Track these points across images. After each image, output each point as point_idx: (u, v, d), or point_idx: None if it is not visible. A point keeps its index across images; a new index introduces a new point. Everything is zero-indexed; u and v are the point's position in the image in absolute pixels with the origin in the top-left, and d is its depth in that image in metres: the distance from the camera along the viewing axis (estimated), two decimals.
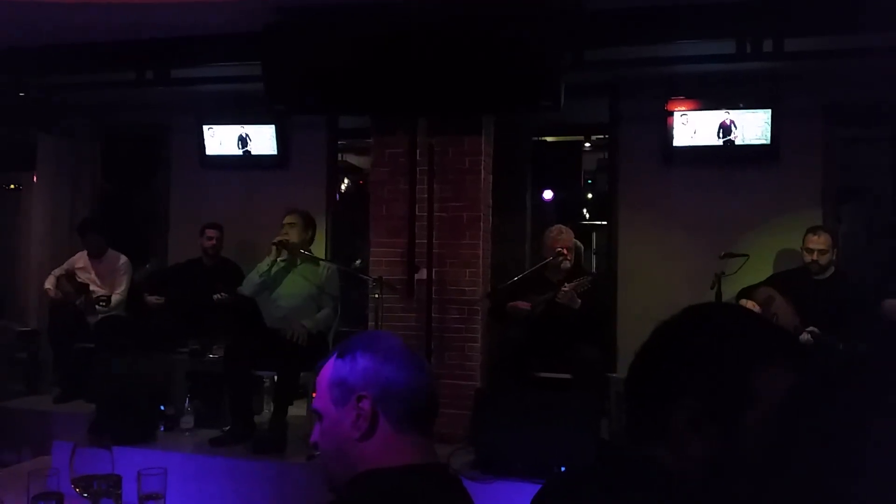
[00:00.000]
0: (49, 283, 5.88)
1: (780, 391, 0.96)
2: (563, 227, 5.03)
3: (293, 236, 4.98)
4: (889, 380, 0.85)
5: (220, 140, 6.59)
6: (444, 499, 1.31)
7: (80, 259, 6.03)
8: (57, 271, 5.99)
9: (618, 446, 1.11)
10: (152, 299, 5.83)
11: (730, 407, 0.97)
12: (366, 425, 1.28)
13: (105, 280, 5.94)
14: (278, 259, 5.01)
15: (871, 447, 0.81)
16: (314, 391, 4.70)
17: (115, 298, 5.81)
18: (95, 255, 5.98)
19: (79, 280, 5.90)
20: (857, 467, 0.81)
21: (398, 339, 1.41)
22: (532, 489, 1.15)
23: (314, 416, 1.38)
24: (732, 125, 5.55)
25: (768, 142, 5.49)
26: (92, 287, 5.85)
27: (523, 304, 4.77)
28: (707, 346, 1.01)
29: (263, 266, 4.99)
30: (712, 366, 1.00)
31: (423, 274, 4.92)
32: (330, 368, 1.37)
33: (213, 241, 5.88)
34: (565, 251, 4.84)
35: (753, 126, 5.51)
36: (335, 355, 1.38)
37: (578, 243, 5.31)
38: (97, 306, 5.66)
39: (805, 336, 4.40)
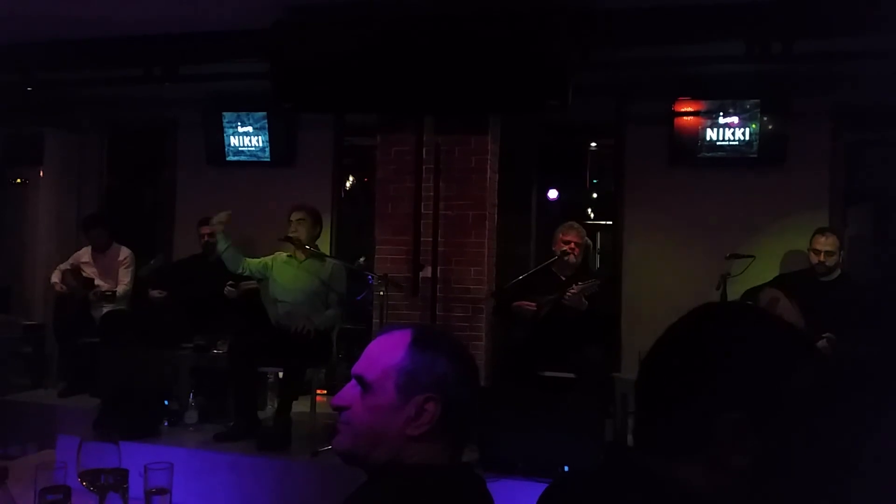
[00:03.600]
0: (55, 278, 5.92)
1: (808, 390, 0.96)
2: (573, 223, 5.02)
3: (302, 233, 4.99)
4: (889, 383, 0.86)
5: (227, 136, 6.60)
6: (473, 500, 1.31)
7: (85, 254, 6.07)
8: (62, 266, 6.02)
9: (630, 453, 1.08)
10: (155, 293, 5.85)
11: (772, 415, 0.96)
12: (426, 428, 1.27)
13: (107, 274, 5.96)
14: (286, 255, 5.05)
15: (872, 447, 0.82)
16: (319, 387, 4.67)
17: (120, 289, 5.84)
18: (99, 250, 6.00)
19: (84, 274, 5.93)
20: (858, 467, 0.82)
21: (470, 352, 1.40)
22: (536, 488, 1.15)
23: (357, 382, 1.32)
24: (739, 126, 5.55)
25: (776, 143, 5.48)
26: (96, 281, 5.88)
27: (529, 305, 4.76)
28: (740, 353, 0.99)
29: (256, 265, 5.05)
30: (756, 375, 0.97)
31: (427, 272, 4.92)
32: (402, 352, 1.30)
33: (206, 238, 5.89)
34: (571, 247, 4.82)
35: (761, 127, 5.50)
36: (411, 341, 1.31)
37: (588, 241, 5.29)
38: (102, 302, 5.70)
39: (822, 343, 4.36)
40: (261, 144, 6.57)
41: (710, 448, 0.96)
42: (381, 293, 4.84)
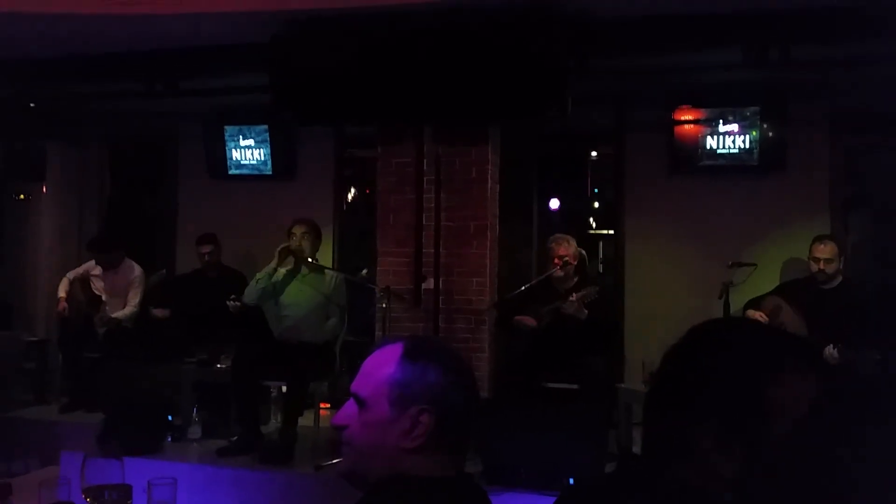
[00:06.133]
0: (62, 290, 5.88)
1: (797, 398, 0.97)
2: (560, 235, 5.03)
3: (306, 247, 5.01)
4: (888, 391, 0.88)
5: (228, 150, 6.62)
6: None
7: (97, 267, 6.03)
8: (71, 274, 6.00)
9: (641, 461, 1.10)
10: (158, 313, 5.84)
11: (750, 423, 0.98)
12: (422, 440, 1.26)
13: (118, 292, 5.93)
14: (284, 269, 5.04)
15: (869, 458, 0.83)
16: (323, 400, 4.65)
17: (128, 311, 5.83)
18: (109, 268, 5.98)
19: (93, 288, 5.91)
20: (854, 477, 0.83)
21: (466, 360, 1.38)
22: (539, 501, 1.15)
23: (354, 400, 1.32)
24: (740, 134, 5.55)
25: (776, 150, 5.49)
26: (104, 297, 5.86)
27: (529, 320, 4.76)
28: (719, 366, 1.02)
29: (261, 274, 5.01)
30: (726, 385, 1.00)
31: (430, 283, 4.92)
32: (394, 365, 1.29)
33: (206, 256, 5.89)
34: (557, 261, 4.84)
35: (761, 134, 5.51)
36: (402, 353, 1.31)
37: (582, 251, 5.31)
38: (111, 324, 5.70)
39: (831, 350, 4.36)
40: (262, 157, 6.59)
41: (697, 457, 0.99)
42: (384, 305, 4.84)
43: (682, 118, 5.67)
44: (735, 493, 0.98)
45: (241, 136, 6.61)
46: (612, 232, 6.33)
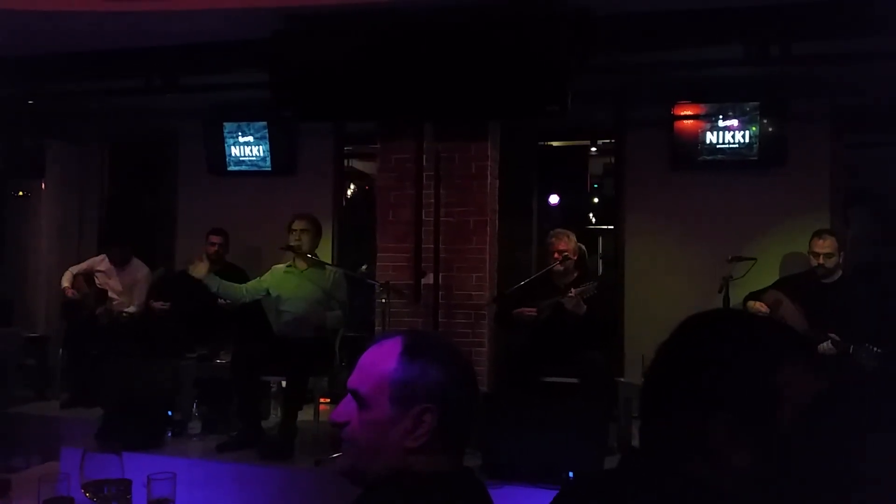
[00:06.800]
0: (66, 281, 5.89)
1: (801, 387, 0.98)
2: (560, 230, 5.02)
3: (305, 242, 5.01)
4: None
5: (228, 146, 6.61)
6: None
7: (103, 263, 6.03)
8: (75, 269, 6.00)
9: (644, 456, 1.09)
10: (157, 305, 5.85)
11: (761, 412, 0.98)
12: (425, 439, 1.25)
13: (127, 289, 5.95)
14: (286, 266, 5.06)
15: (877, 447, 0.83)
16: (322, 395, 4.64)
17: (132, 307, 5.84)
18: (119, 264, 5.99)
19: (97, 283, 5.91)
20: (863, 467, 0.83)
21: (465, 354, 1.37)
22: (539, 494, 1.15)
23: (352, 397, 1.30)
24: (739, 129, 5.55)
25: (776, 145, 5.49)
26: (110, 294, 5.87)
27: (529, 311, 4.76)
28: (724, 357, 1.02)
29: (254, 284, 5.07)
30: (735, 375, 1.00)
31: (429, 279, 4.92)
32: (394, 364, 1.27)
33: (216, 247, 5.89)
34: (557, 256, 4.84)
35: (761, 130, 5.50)
36: (402, 350, 1.28)
37: (582, 246, 5.30)
38: (119, 318, 5.70)
39: (827, 344, 4.38)
40: (262, 154, 6.59)
41: (709, 450, 0.99)
42: (384, 301, 4.84)
43: (682, 113, 5.67)
44: (748, 485, 0.98)
45: (240, 133, 6.61)
46: (611, 227, 6.33)
